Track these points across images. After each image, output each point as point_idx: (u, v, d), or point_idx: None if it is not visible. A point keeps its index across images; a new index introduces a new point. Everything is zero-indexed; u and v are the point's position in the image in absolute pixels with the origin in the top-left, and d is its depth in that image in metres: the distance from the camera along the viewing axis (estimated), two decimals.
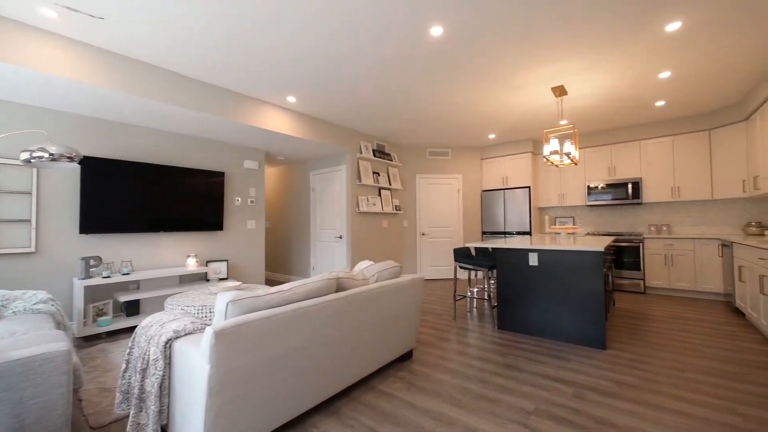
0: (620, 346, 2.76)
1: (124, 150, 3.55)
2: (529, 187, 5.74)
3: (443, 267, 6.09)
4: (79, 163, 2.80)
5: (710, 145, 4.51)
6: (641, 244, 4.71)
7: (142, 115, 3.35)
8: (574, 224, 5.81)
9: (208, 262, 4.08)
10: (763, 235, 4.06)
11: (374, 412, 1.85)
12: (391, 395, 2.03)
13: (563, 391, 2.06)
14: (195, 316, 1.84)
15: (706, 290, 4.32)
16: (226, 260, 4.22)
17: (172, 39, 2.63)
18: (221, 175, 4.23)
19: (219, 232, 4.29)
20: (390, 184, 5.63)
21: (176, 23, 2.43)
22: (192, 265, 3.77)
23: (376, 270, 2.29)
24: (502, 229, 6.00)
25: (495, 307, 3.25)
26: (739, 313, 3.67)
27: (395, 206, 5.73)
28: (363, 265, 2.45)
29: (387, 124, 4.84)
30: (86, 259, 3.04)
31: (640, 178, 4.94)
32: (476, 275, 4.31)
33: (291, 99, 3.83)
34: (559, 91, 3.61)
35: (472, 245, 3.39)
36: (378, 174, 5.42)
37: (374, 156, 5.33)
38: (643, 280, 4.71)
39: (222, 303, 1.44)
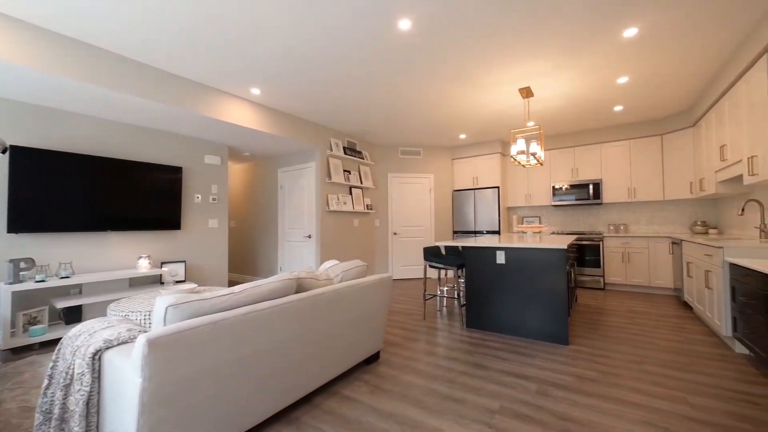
0: (582, 341, 2.83)
1: (65, 140, 3.20)
2: (498, 187, 5.86)
3: (415, 266, 6.08)
4: (3, 152, 2.47)
5: (662, 150, 4.80)
6: (601, 243, 4.93)
7: (86, 102, 3.04)
8: (540, 223, 6.00)
9: (163, 263, 3.78)
10: (707, 233, 4.37)
11: (336, 419, 1.76)
12: (356, 400, 1.94)
13: (527, 388, 2.06)
14: (138, 323, 1.65)
15: (658, 285, 4.59)
16: (184, 261, 3.94)
17: (121, 20, 2.39)
18: (179, 170, 3.95)
19: (176, 232, 4.01)
20: (361, 183, 5.53)
21: (130, 3, 2.21)
22: (144, 266, 3.48)
23: (341, 270, 2.19)
24: (472, 229, 6.08)
25: (464, 305, 3.25)
26: (687, 306, 3.91)
27: (367, 205, 5.64)
28: (328, 264, 2.34)
29: (358, 121, 4.75)
30: (15, 262, 2.70)
31: (601, 180, 5.17)
32: (446, 274, 4.30)
33: (255, 91, 3.64)
34: (526, 92, 3.68)
35: (442, 244, 3.38)
36: (349, 172, 5.31)
37: (345, 154, 5.21)
38: (603, 276, 4.93)
39: (161, 307, 1.29)
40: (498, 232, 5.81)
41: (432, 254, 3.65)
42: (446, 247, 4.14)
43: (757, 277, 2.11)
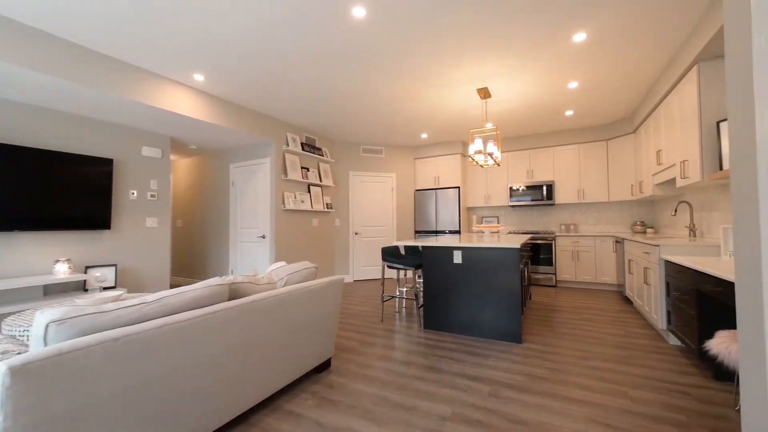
0: (534, 338, 2.87)
1: None
2: (458, 187, 5.92)
3: (376, 267, 5.97)
4: None
5: (607, 154, 5.10)
6: (553, 242, 5.14)
7: None
8: (498, 223, 6.16)
9: (87, 268, 3.34)
10: (645, 232, 4.70)
11: None
12: (299, 415, 1.77)
13: (480, 390, 2.02)
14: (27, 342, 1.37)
15: (604, 282, 4.87)
16: (115, 265, 3.51)
17: None
18: (109, 162, 3.51)
19: (105, 232, 3.56)
20: (320, 181, 5.32)
21: None
22: (63, 272, 3.04)
23: (286, 272, 2.01)
24: (434, 228, 6.10)
25: (421, 306, 3.19)
26: (628, 301, 4.16)
27: (326, 204, 5.44)
28: (274, 267, 2.15)
29: (317, 116, 4.54)
30: None
31: (553, 182, 5.40)
32: (406, 274, 4.23)
33: (198, 77, 3.32)
34: (484, 93, 3.71)
35: (401, 243, 3.29)
36: (307, 169, 5.09)
37: (303, 150, 4.98)
38: (555, 274, 5.14)
39: (40, 324, 1.05)
40: (459, 232, 5.87)
41: (390, 254, 3.56)
42: (406, 247, 4.07)
43: (688, 273, 2.24)
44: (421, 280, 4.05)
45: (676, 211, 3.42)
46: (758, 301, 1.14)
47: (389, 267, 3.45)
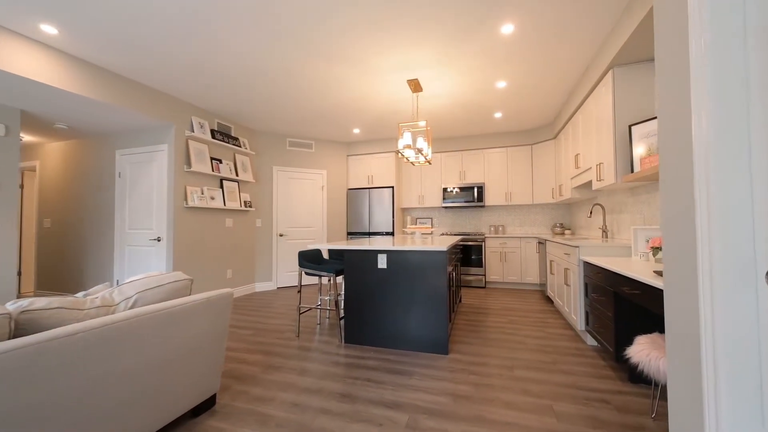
0: (462, 347, 2.68)
1: None
2: (392, 187, 5.69)
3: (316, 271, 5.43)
4: None
5: (532, 158, 5.30)
6: (483, 243, 5.17)
7: None
8: (432, 225, 6.07)
9: None
10: (564, 233, 4.95)
11: None
12: None
13: (397, 421, 1.69)
14: None
15: (528, 281, 5.02)
16: None
17: None
18: None
19: None
20: (237, 175, 4.64)
21: None
22: None
23: (137, 289, 1.46)
24: (367, 230, 5.78)
25: (342, 318, 2.82)
26: (550, 300, 4.29)
27: (244, 202, 4.77)
28: (130, 280, 1.58)
29: (232, 100, 3.90)
30: None
31: (484, 184, 5.46)
32: (330, 281, 3.83)
33: (49, 30, 2.51)
34: (414, 85, 3.48)
35: (324, 246, 2.87)
36: (219, 161, 4.38)
37: (214, 138, 4.27)
38: (485, 275, 5.17)
39: None
40: (393, 234, 5.63)
41: (309, 259, 3.11)
42: (330, 251, 3.66)
43: (606, 275, 2.21)
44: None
45: (591, 213, 3.56)
46: (692, 311, 1.01)
47: (307, 274, 3.00)
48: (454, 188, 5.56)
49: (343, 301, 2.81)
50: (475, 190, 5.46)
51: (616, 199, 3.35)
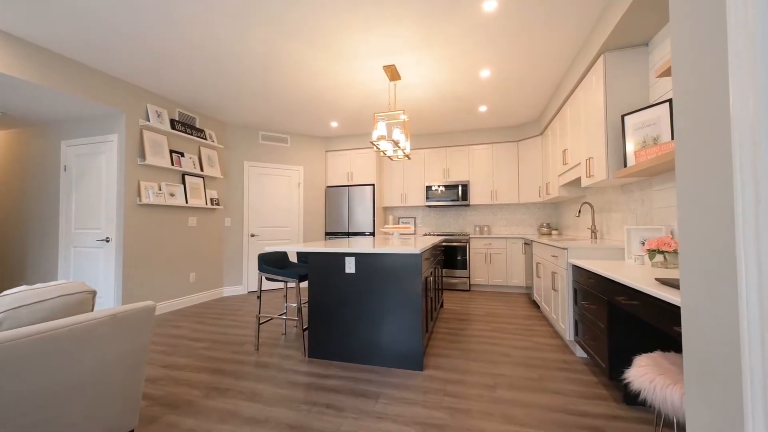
0: (439, 361, 2.40)
1: None
2: (373, 184, 5.39)
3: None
4: None
5: (518, 156, 5.08)
6: (467, 244, 4.92)
7: None
8: (415, 225, 5.80)
9: None
10: (550, 234, 4.75)
11: None
12: None
13: None
14: None
15: (513, 284, 4.79)
16: None
17: None
18: None
19: None
20: (202, 170, 4.27)
21: None
22: None
23: (4, 307, 1.12)
24: (346, 230, 5.46)
25: (306, 329, 2.50)
26: (536, 304, 4.06)
27: (211, 199, 4.40)
28: (4, 293, 1.23)
29: (196, 88, 3.53)
30: None
31: (468, 182, 5.21)
32: (295, 287, 3.48)
33: None
34: (391, 72, 3.19)
35: (291, 248, 2.54)
36: (181, 154, 4.00)
37: (174, 129, 3.89)
38: (469, 278, 4.92)
39: None
40: (374, 234, 5.34)
41: (270, 262, 2.78)
42: (299, 253, 3.33)
43: (598, 281, 1.96)
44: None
45: (579, 212, 3.34)
46: (728, 335, 0.75)
47: (268, 279, 2.67)
48: (437, 186, 5.30)
49: (307, 310, 2.50)
50: (460, 188, 5.21)
51: (606, 198, 3.13)
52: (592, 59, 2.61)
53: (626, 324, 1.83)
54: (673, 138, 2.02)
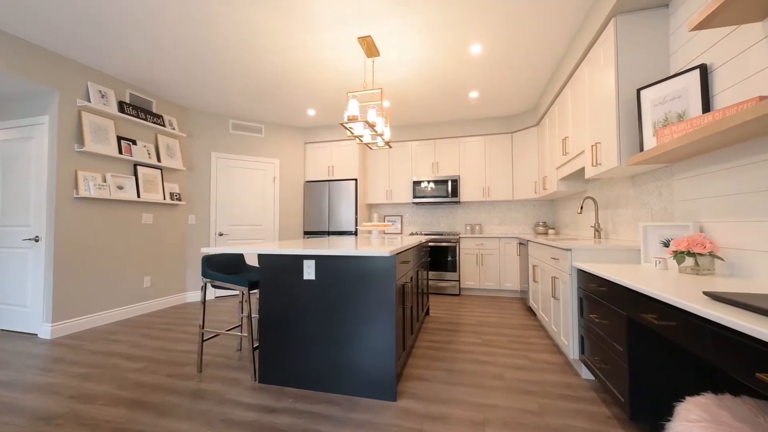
0: (417, 386, 1.97)
1: None
2: (356, 179, 4.96)
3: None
4: None
5: (512, 148, 4.69)
6: (458, 244, 4.51)
7: None
8: (402, 223, 5.38)
9: None
10: (547, 233, 4.36)
11: None
12: None
13: None
14: None
15: (507, 288, 4.39)
16: None
17: None
18: None
19: None
20: (159, 161, 3.79)
21: None
22: None
23: None
24: (326, 228, 5.01)
25: (257, 348, 2.06)
26: (531, 311, 3.67)
27: (171, 193, 3.91)
28: None
29: (150, 65, 3.06)
30: None
31: (459, 177, 4.81)
32: (245, 296, 3.05)
33: None
34: (368, 45, 2.76)
35: (249, 251, 2.08)
36: (132, 142, 3.51)
37: (124, 112, 3.40)
38: (459, 281, 4.52)
39: None
40: (356, 233, 4.90)
41: (217, 266, 2.33)
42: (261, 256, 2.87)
43: (611, 290, 1.55)
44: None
45: (581, 208, 2.95)
46: None
47: (214, 286, 2.22)
48: (425, 182, 4.88)
49: (258, 325, 2.05)
50: (449, 184, 4.80)
51: (613, 192, 2.74)
52: (601, 24, 2.21)
53: (654, 348, 1.42)
54: (705, 111, 1.62)
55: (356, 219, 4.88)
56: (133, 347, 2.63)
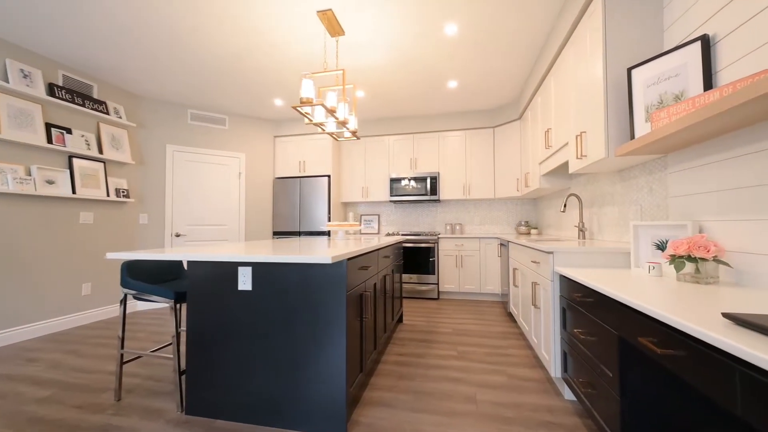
0: (376, 415, 1.67)
1: None
2: (329, 176, 4.63)
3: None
4: None
5: (494, 144, 4.45)
6: (436, 245, 4.24)
7: None
8: (379, 223, 5.08)
9: None
10: (529, 233, 4.14)
11: None
12: None
13: None
14: None
15: (488, 291, 4.15)
16: None
17: None
18: None
19: None
20: (101, 152, 3.37)
21: None
22: None
23: None
24: (297, 229, 4.67)
25: (183, 373, 1.73)
26: (513, 317, 3.42)
27: (117, 190, 3.50)
28: None
29: (85, 46, 2.65)
30: None
31: (438, 173, 4.54)
32: (173, 309, 2.69)
33: None
34: (329, 21, 2.44)
35: (167, 257, 1.72)
36: (67, 130, 3.09)
37: (54, 96, 2.98)
38: (438, 284, 4.25)
39: None
40: (328, 234, 4.57)
41: (143, 274, 1.97)
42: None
43: (604, 304, 1.29)
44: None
45: (565, 206, 2.70)
46: None
47: (135, 298, 1.86)
48: (404, 179, 4.59)
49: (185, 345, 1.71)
50: (429, 181, 4.52)
51: (598, 188, 2.51)
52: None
53: (655, 378, 1.16)
54: (708, 89, 1.38)
55: (329, 218, 4.55)
56: (50, 368, 2.23)
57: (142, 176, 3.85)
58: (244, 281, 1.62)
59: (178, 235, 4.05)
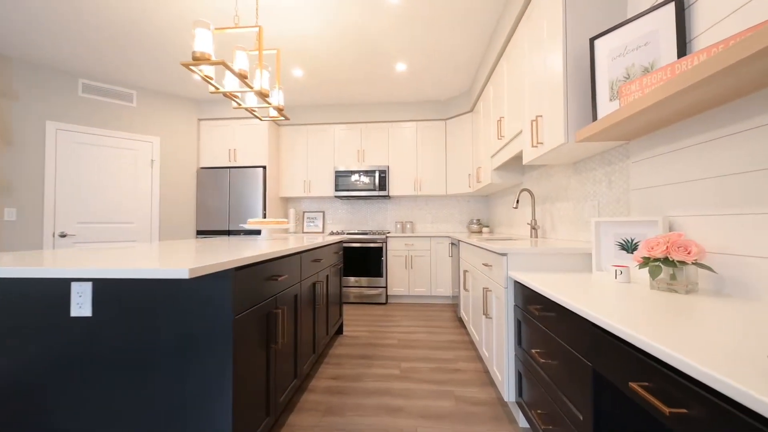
0: None
1: None
2: (264, 167, 4.06)
3: None
4: None
5: (446, 137, 4.21)
6: (384, 245, 3.89)
7: None
8: (324, 221, 4.61)
9: None
10: (481, 232, 3.97)
11: None
12: None
13: None
14: None
15: (438, 294, 3.89)
16: None
17: None
18: None
19: None
20: None
21: None
22: None
23: None
24: (226, 227, 4.03)
25: None
26: (463, 323, 3.18)
27: None
28: None
29: None
30: None
31: (388, 167, 4.19)
32: None
33: None
34: None
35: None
36: None
37: None
38: (386, 288, 3.90)
39: None
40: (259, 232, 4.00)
41: None
42: None
43: (573, 324, 0.99)
44: None
45: (518, 202, 2.48)
46: None
47: None
48: (350, 172, 4.18)
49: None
50: (377, 175, 4.16)
51: (551, 183, 2.31)
52: None
53: (629, 409, 0.87)
54: (682, 55, 1.14)
55: (264, 215, 3.99)
56: None
57: (10, 160, 2.99)
58: (82, 304, 1.10)
59: (63, 235, 3.23)
